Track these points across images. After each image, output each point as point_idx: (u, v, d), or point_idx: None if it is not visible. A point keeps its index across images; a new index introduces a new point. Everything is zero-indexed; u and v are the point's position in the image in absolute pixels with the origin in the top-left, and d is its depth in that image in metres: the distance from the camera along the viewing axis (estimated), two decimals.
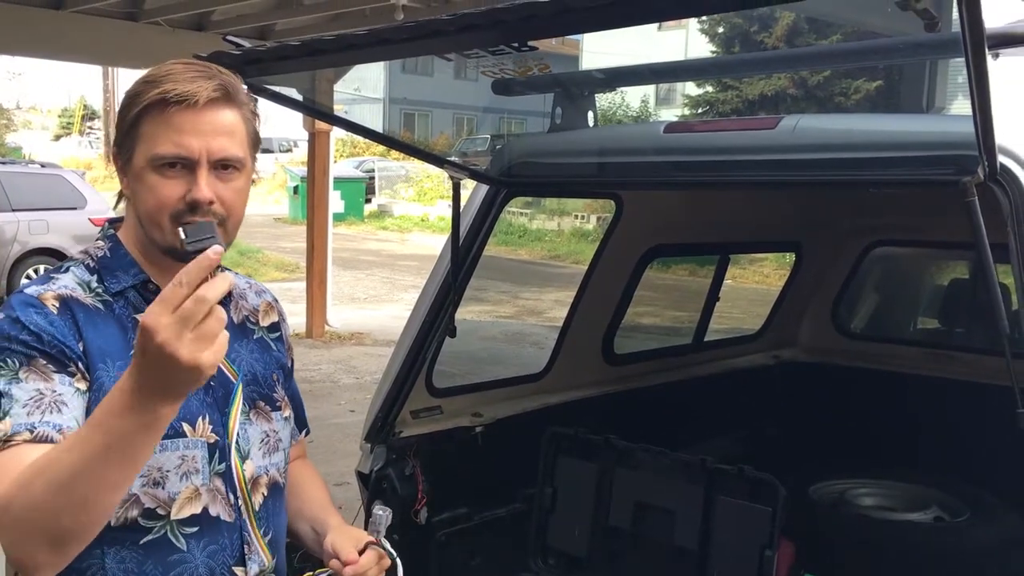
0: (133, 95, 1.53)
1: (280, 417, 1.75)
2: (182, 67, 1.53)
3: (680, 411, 3.71)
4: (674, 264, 11.48)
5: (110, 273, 1.59)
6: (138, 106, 1.50)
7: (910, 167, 2.08)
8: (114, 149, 1.58)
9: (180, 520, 1.55)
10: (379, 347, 10.75)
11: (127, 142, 1.53)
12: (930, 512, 3.49)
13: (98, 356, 1.51)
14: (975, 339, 4.18)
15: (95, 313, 1.54)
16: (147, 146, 1.51)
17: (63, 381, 1.45)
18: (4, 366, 1.43)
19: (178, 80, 1.49)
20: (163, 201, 1.51)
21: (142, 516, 1.52)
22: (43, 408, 1.42)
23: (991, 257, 1.73)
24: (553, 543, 3.06)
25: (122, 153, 1.55)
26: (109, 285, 1.58)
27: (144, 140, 1.51)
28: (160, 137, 1.50)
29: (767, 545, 2.59)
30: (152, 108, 1.49)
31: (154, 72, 1.53)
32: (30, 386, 1.42)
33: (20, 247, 12.26)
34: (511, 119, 35.59)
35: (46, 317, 1.48)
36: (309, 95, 2.48)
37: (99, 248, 1.63)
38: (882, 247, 4.52)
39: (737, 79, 23.41)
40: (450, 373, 3.22)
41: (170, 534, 1.55)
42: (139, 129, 1.51)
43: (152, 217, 1.53)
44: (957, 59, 1.48)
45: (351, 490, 2.96)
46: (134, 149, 1.53)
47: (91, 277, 1.58)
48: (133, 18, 9.59)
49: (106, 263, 1.60)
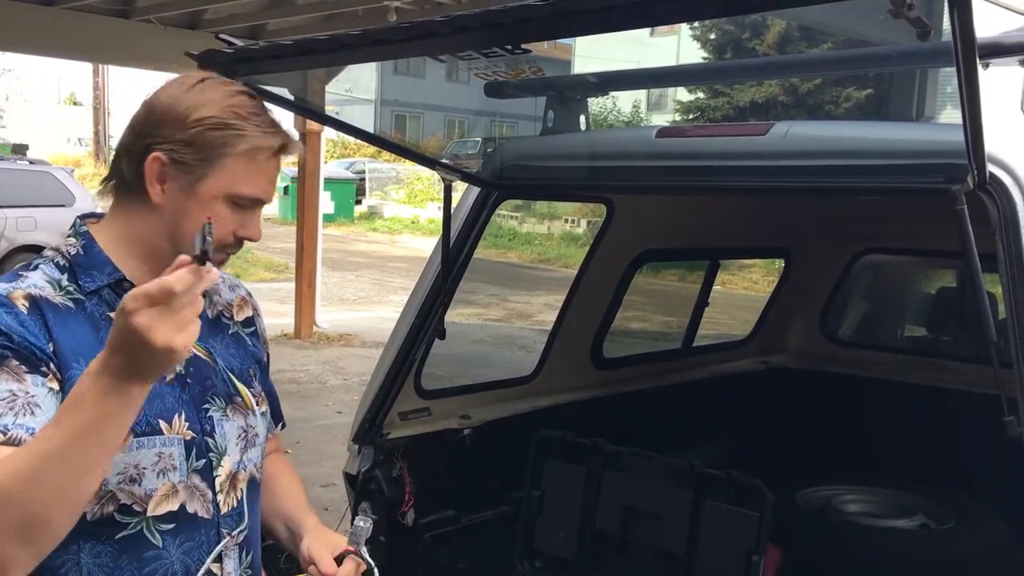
0: (221, 124, 1.52)
1: (257, 412, 1.74)
2: (259, 107, 1.58)
3: (668, 416, 3.72)
4: (664, 269, 11.51)
5: (84, 271, 1.57)
6: (231, 141, 1.52)
7: (900, 175, 2.09)
8: (161, 156, 1.52)
9: (156, 517, 1.55)
10: (368, 349, 10.73)
11: (200, 164, 1.52)
12: (916, 519, 3.51)
13: (70, 356, 1.48)
14: (963, 347, 4.21)
15: (65, 312, 1.52)
16: (229, 180, 1.54)
17: (36, 382, 1.43)
18: None
19: (265, 126, 1.56)
20: (223, 233, 1.55)
21: (118, 512, 1.51)
22: (16, 410, 1.39)
23: (979, 266, 1.74)
24: (540, 546, 3.05)
25: (181, 168, 1.52)
26: (84, 284, 1.56)
27: (226, 173, 1.53)
28: (246, 178, 1.55)
29: (754, 550, 2.59)
30: (243, 146, 1.53)
31: (236, 107, 1.54)
32: (2, 387, 1.39)
33: (7, 244, 12.20)
34: (503, 122, 35.59)
35: (16, 317, 1.45)
36: (301, 95, 2.47)
37: (71, 246, 1.60)
38: (871, 254, 4.54)
39: (728, 85, 23.50)
40: (439, 375, 3.22)
41: (146, 530, 1.54)
42: (224, 160, 1.53)
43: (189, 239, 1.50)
44: (947, 69, 1.49)
45: (338, 491, 2.96)
46: (208, 175, 1.53)
47: (61, 275, 1.56)
48: (125, 15, 9.56)
49: (80, 261, 1.58)
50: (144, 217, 1.57)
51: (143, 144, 1.53)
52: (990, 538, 3.33)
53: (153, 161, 1.52)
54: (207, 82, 1.58)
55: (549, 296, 14.09)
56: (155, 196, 1.54)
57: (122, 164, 1.57)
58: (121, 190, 1.58)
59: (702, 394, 4.07)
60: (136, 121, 1.56)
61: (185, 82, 1.57)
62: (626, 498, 2.91)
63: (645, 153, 2.65)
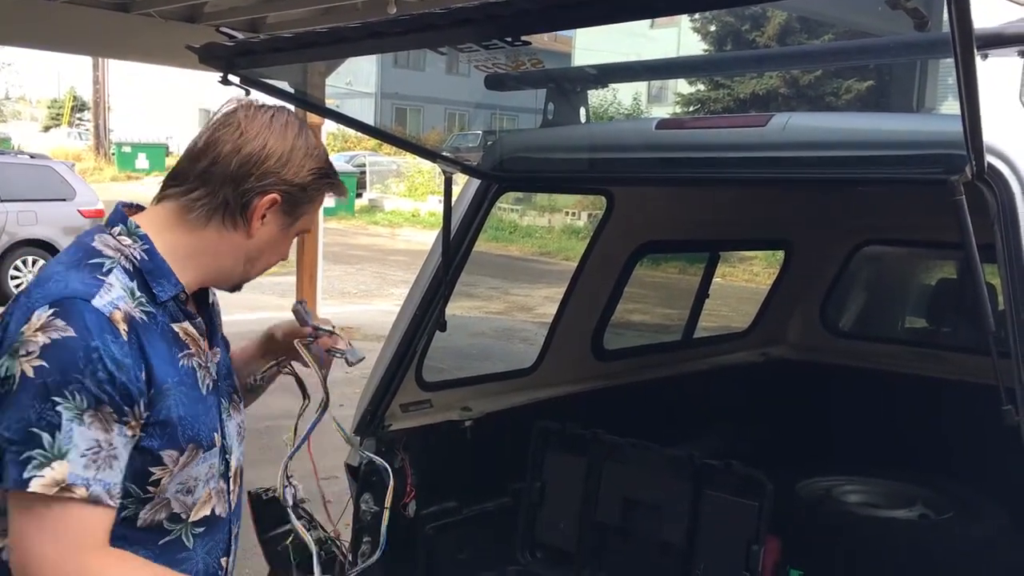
0: (325, 174, 1.67)
1: (243, 407, 1.80)
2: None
3: (669, 407, 3.72)
4: (664, 261, 11.50)
5: (154, 280, 1.55)
6: (326, 189, 1.69)
7: (898, 165, 2.10)
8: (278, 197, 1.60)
9: (194, 522, 1.61)
10: (369, 342, 10.73)
11: (304, 203, 1.65)
12: (915, 509, 3.51)
13: (160, 377, 1.50)
14: (962, 338, 4.21)
15: (147, 329, 1.51)
16: (309, 219, 1.70)
17: (120, 432, 1.43)
18: (71, 399, 1.38)
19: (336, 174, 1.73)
20: (279, 260, 1.72)
21: (167, 519, 1.57)
22: (98, 463, 1.40)
23: (978, 256, 1.74)
24: (541, 537, 3.07)
25: (287, 208, 1.63)
26: (158, 294, 1.55)
27: (311, 213, 1.69)
28: (313, 216, 1.73)
29: (753, 540, 2.60)
30: (327, 192, 1.70)
31: (326, 156, 1.70)
32: (91, 434, 1.39)
33: (9, 238, 12.20)
34: (503, 115, 35.53)
35: (121, 348, 1.44)
36: (301, 88, 2.47)
37: (132, 248, 1.55)
38: (871, 246, 4.54)
39: (729, 77, 23.46)
40: (440, 368, 3.23)
41: (184, 535, 1.60)
42: (315, 202, 1.68)
43: (261, 267, 1.69)
44: (947, 60, 1.49)
45: (340, 484, 2.96)
46: (302, 215, 1.67)
47: (132, 283, 1.52)
48: (125, 9, 9.53)
49: (147, 268, 1.55)
50: (231, 240, 1.61)
51: (259, 182, 1.58)
52: (990, 528, 3.34)
53: (269, 200, 1.59)
54: (305, 128, 1.66)
55: (550, 289, 14.08)
56: (255, 229, 1.61)
57: (224, 191, 1.57)
58: (215, 214, 1.58)
59: (702, 386, 4.08)
60: (250, 157, 1.58)
61: (291, 125, 1.63)
62: (626, 489, 2.92)
63: (645, 145, 2.66)
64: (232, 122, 1.61)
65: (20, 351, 1.39)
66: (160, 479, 1.52)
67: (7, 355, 1.41)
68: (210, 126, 1.63)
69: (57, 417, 1.37)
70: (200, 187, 1.58)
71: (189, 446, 1.55)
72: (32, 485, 1.35)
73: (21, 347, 1.39)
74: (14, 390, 1.39)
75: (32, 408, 1.37)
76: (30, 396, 1.37)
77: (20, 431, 1.37)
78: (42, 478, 1.35)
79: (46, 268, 1.53)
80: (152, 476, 1.51)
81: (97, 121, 32.99)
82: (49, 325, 1.40)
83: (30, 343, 1.39)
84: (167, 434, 1.51)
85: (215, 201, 1.57)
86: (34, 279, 1.51)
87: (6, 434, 1.38)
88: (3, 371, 1.41)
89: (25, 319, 1.41)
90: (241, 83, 2.07)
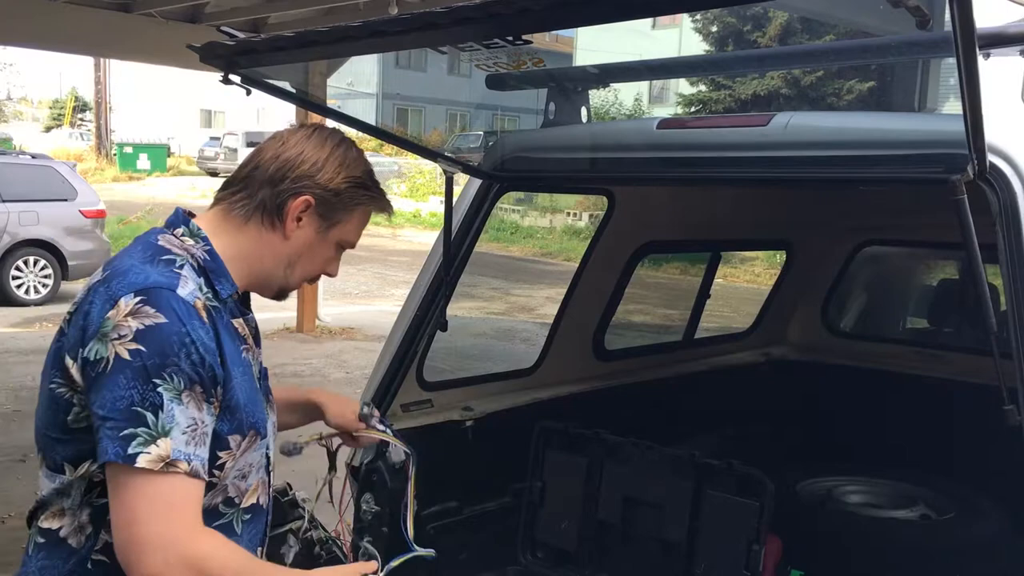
0: (362, 184, 1.74)
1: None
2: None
3: (670, 407, 3.72)
4: (665, 262, 11.50)
5: (217, 278, 1.65)
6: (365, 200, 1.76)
7: (900, 165, 2.10)
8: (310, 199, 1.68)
9: (244, 508, 1.70)
10: (370, 342, 10.74)
11: (339, 210, 1.73)
12: (916, 510, 3.51)
13: (231, 363, 1.60)
14: (963, 338, 4.21)
15: (217, 319, 1.61)
16: (347, 230, 1.76)
17: (208, 411, 1.53)
18: (169, 381, 1.47)
19: (383, 193, 1.80)
20: (320, 273, 1.79)
21: (223, 503, 1.65)
22: (196, 440, 1.50)
23: (979, 255, 1.74)
24: (542, 537, 3.06)
25: (322, 212, 1.71)
26: (219, 290, 1.65)
27: (350, 223, 1.76)
28: (357, 229, 1.79)
29: (754, 540, 2.60)
30: (371, 206, 1.78)
31: (371, 172, 1.77)
32: (190, 412, 1.49)
33: (10, 238, 12.20)
34: (504, 115, 35.55)
35: (207, 333, 1.54)
36: (302, 88, 2.48)
37: (196, 247, 1.66)
38: (873, 246, 4.54)
39: (730, 78, 23.45)
40: (441, 368, 3.22)
41: (235, 520, 1.68)
42: (353, 213, 1.75)
43: (301, 274, 1.76)
44: (949, 61, 1.49)
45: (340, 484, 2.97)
46: (339, 223, 1.74)
47: (199, 279, 1.62)
48: (126, 9, 9.53)
49: (210, 267, 1.65)
50: (270, 241, 1.71)
51: (294, 184, 1.68)
52: (991, 528, 3.33)
53: (302, 202, 1.69)
54: (348, 142, 1.77)
55: (551, 289, 14.08)
56: (290, 230, 1.70)
57: (262, 192, 1.69)
58: (254, 214, 1.70)
59: (704, 386, 4.07)
60: (287, 161, 1.70)
61: (332, 138, 1.75)
62: (627, 488, 2.92)
63: (646, 145, 2.65)
64: (277, 136, 1.76)
65: (112, 335, 1.48)
66: (225, 463, 1.61)
67: (95, 339, 1.49)
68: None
69: (159, 398, 1.46)
70: (242, 189, 1.71)
71: (250, 432, 1.65)
72: (139, 461, 1.44)
73: (112, 331, 1.48)
74: (108, 371, 1.47)
75: (133, 389, 1.45)
76: (129, 377, 1.46)
77: (121, 410, 1.45)
78: (148, 455, 1.44)
79: (118, 262, 1.61)
80: (219, 460, 1.59)
81: (99, 121, 33.00)
82: (139, 311, 1.48)
83: (122, 327, 1.48)
84: (235, 419, 1.61)
85: (254, 201, 1.69)
86: (108, 272, 1.59)
87: (101, 412, 1.47)
88: (93, 354, 1.49)
89: (109, 306, 1.50)
90: (242, 82, 2.07)
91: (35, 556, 1.61)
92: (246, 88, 2.10)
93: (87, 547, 1.58)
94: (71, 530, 1.59)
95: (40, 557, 1.60)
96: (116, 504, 1.48)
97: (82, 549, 1.58)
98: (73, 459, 1.57)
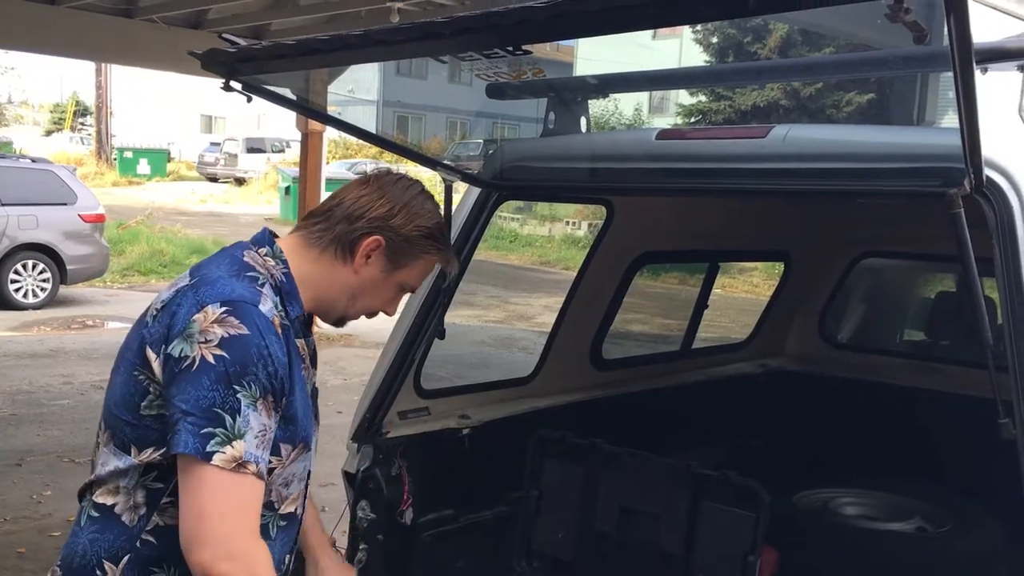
0: (431, 236, 1.87)
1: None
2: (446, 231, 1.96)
3: (667, 418, 3.72)
4: (664, 272, 11.51)
5: (289, 299, 1.77)
6: (431, 251, 1.88)
7: (897, 178, 2.10)
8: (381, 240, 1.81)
9: (282, 515, 1.80)
10: (367, 349, 10.73)
11: (406, 255, 1.85)
12: (913, 522, 3.51)
13: (294, 377, 1.72)
14: (960, 351, 4.21)
15: (287, 336, 1.72)
16: (411, 275, 1.89)
17: (274, 419, 1.66)
18: (247, 389, 1.60)
19: (449, 248, 1.96)
20: (379, 309, 1.91)
21: (265, 507, 1.72)
22: (263, 444, 1.63)
23: (976, 269, 1.74)
24: (538, 546, 3.06)
25: (390, 254, 1.84)
26: (290, 311, 1.76)
27: (415, 269, 1.89)
28: (419, 276, 1.92)
29: (750, 551, 2.60)
30: (435, 257, 1.90)
31: (441, 226, 1.91)
32: (261, 419, 1.62)
33: (9, 242, 12.20)
34: (504, 124, 35.56)
35: (281, 348, 1.67)
36: (303, 95, 2.49)
37: (275, 268, 1.78)
38: (870, 258, 4.54)
39: (730, 89, 23.51)
40: (438, 376, 3.23)
41: (271, 524, 1.78)
42: (419, 261, 1.87)
43: (361, 307, 1.88)
44: (948, 74, 1.50)
45: (337, 491, 2.96)
46: (405, 267, 1.86)
47: (276, 298, 1.74)
48: (128, 15, 9.55)
49: (285, 288, 1.77)
50: (339, 273, 1.83)
51: (369, 224, 1.82)
52: (987, 541, 3.33)
53: (374, 241, 1.82)
54: (426, 194, 1.91)
55: (549, 298, 14.08)
56: (358, 265, 1.83)
57: (340, 227, 1.82)
58: (329, 245, 1.82)
59: (701, 396, 4.07)
60: (367, 203, 1.83)
61: (412, 188, 1.88)
62: (624, 498, 2.92)
63: (645, 155, 2.66)
64: (362, 179, 1.91)
65: (198, 338, 1.60)
66: (274, 468, 1.72)
67: (180, 338, 1.61)
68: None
69: (237, 403, 1.58)
70: (323, 222, 1.84)
71: (300, 444, 1.77)
72: (215, 459, 1.56)
73: (199, 335, 1.60)
74: (192, 370, 1.59)
75: (215, 391, 1.58)
76: (212, 380, 1.58)
77: (203, 408, 1.57)
78: (223, 454, 1.57)
79: (207, 271, 1.73)
80: (270, 464, 1.69)
81: (99, 126, 33.00)
82: (224, 321, 1.61)
83: (208, 332, 1.60)
84: (290, 429, 1.73)
85: (331, 234, 1.82)
86: (196, 278, 1.71)
87: (183, 406, 1.58)
88: (178, 351, 1.61)
89: (196, 310, 1.63)
90: (243, 89, 2.08)
91: (87, 528, 1.71)
92: (247, 95, 2.11)
93: (139, 526, 1.68)
94: (125, 508, 1.69)
95: (93, 530, 1.70)
96: (187, 495, 1.59)
97: (134, 527, 1.68)
98: (138, 443, 1.67)
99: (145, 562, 1.67)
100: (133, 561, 1.67)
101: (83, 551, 1.69)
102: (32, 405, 8.03)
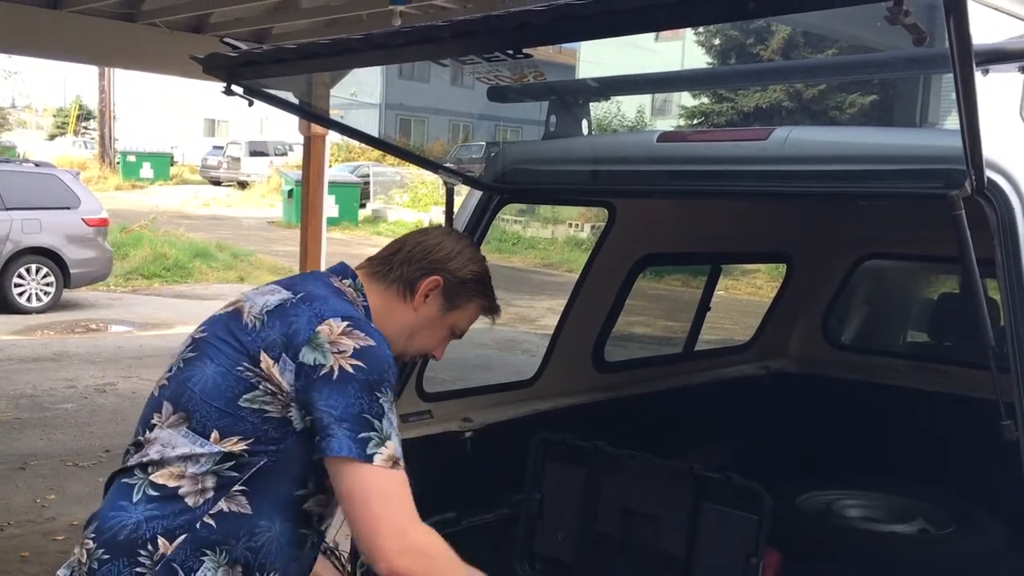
0: (483, 282, 2.07)
1: None
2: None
3: (670, 420, 3.72)
4: (666, 274, 11.51)
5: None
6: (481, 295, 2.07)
7: (899, 180, 2.10)
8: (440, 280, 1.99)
9: (319, 531, 1.95)
10: None
11: (461, 296, 2.04)
12: (916, 524, 3.50)
13: None
14: (963, 352, 4.21)
15: None
16: (462, 317, 2.07)
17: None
18: (385, 394, 1.75)
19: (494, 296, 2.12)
20: (430, 350, 2.09)
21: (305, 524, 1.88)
22: (399, 442, 1.77)
23: (977, 270, 1.74)
24: (540, 549, 3.06)
25: (447, 295, 2.01)
26: None
27: (467, 312, 2.07)
28: (469, 320, 2.09)
29: (752, 553, 2.60)
30: (485, 303, 2.08)
31: (489, 274, 2.09)
32: (395, 420, 1.77)
33: (13, 246, 12.23)
34: (506, 127, 35.63)
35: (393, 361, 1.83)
36: (306, 99, 2.50)
37: (359, 300, 1.94)
38: (873, 260, 4.54)
39: (732, 91, 23.52)
40: (440, 378, 3.23)
41: (308, 540, 1.91)
42: (470, 304, 2.06)
43: (417, 346, 2.05)
44: (950, 76, 1.50)
45: None
46: (458, 308, 2.04)
47: None
48: (131, 19, 9.57)
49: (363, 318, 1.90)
50: (400, 310, 2.00)
51: (429, 265, 2.00)
52: (989, 543, 3.33)
53: (432, 281, 2.00)
54: (474, 245, 2.14)
55: (552, 300, 14.07)
56: (417, 303, 2.00)
57: (403, 267, 2.00)
58: (392, 284, 2.00)
59: (704, 398, 4.07)
60: (428, 247, 2.03)
61: (466, 239, 2.14)
62: (626, 501, 2.91)
63: (647, 157, 2.66)
64: (422, 229, 2.11)
65: (332, 349, 1.74)
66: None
67: (309, 347, 1.75)
68: None
69: (381, 408, 1.73)
70: (386, 263, 2.02)
71: None
72: (376, 460, 1.70)
73: (331, 346, 1.74)
74: (333, 379, 1.72)
75: (362, 399, 1.72)
76: (357, 389, 1.72)
77: (354, 415, 1.71)
78: (381, 455, 1.71)
79: (310, 289, 1.87)
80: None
81: (102, 130, 33.04)
82: (352, 333, 1.76)
83: (341, 344, 1.74)
84: None
85: (394, 273, 2.00)
86: (301, 293, 1.85)
87: (335, 413, 1.71)
88: (312, 360, 1.74)
89: (317, 321, 1.77)
90: (245, 93, 2.08)
91: (142, 504, 1.77)
92: (248, 99, 2.12)
93: (203, 508, 1.76)
94: (190, 491, 1.76)
95: (150, 508, 1.76)
96: (352, 496, 1.71)
97: (197, 509, 1.75)
98: (224, 430, 1.76)
99: (200, 543, 1.74)
100: (188, 541, 1.74)
101: (135, 525, 1.75)
102: (36, 409, 8.05)
